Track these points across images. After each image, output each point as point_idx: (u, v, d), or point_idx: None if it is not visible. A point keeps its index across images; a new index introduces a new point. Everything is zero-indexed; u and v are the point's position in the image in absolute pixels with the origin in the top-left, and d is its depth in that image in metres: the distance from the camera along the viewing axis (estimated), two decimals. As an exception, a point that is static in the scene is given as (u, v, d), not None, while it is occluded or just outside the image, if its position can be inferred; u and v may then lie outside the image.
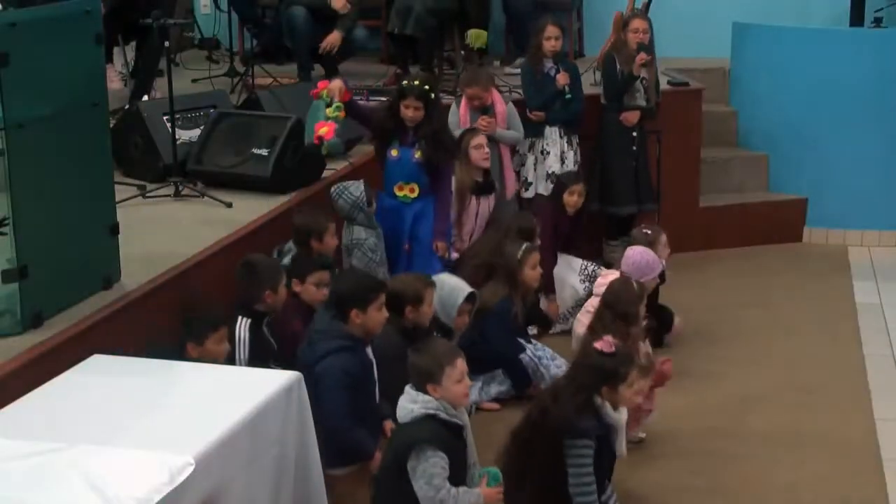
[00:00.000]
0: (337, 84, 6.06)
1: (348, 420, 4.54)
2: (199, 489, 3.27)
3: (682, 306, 6.85)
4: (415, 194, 6.24)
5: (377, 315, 4.73)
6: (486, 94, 7.08)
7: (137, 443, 3.34)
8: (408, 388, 4.20)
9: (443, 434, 4.13)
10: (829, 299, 7.39)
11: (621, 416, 4.38)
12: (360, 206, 5.99)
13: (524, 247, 6.05)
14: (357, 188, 6.03)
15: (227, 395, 3.75)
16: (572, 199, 6.87)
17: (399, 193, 6.25)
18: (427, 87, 6.18)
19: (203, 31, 9.44)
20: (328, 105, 6.02)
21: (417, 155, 6.17)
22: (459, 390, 4.19)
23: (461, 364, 4.22)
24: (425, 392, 4.14)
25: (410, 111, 6.13)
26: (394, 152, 6.23)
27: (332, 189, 6.08)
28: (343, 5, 8.08)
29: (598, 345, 4.37)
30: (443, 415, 4.13)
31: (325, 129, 5.98)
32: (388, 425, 4.69)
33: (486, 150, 6.76)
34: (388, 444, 4.33)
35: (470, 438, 4.35)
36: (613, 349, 4.35)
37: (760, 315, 7.13)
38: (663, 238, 6.35)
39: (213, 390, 3.82)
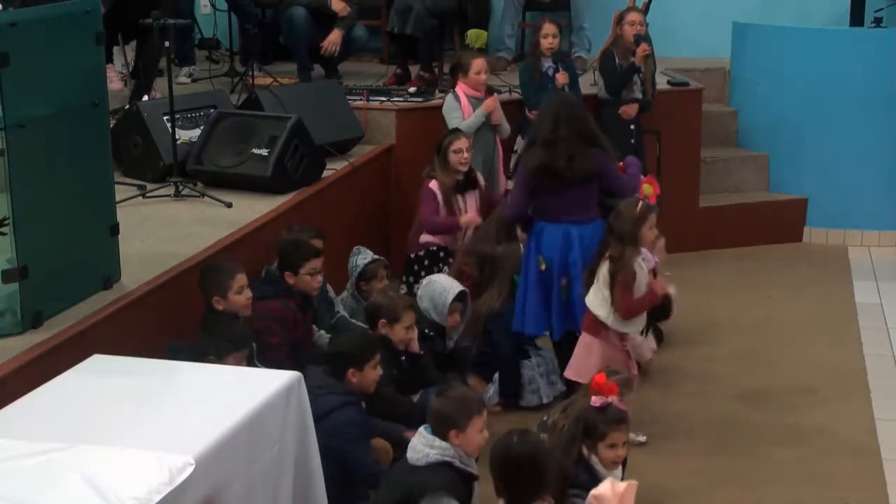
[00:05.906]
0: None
1: (377, 465, 4.55)
2: (199, 489, 3.27)
3: (682, 306, 6.83)
4: None
5: (372, 373, 4.68)
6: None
7: (137, 443, 3.34)
8: (423, 431, 4.13)
9: (456, 482, 4.08)
10: (829, 299, 7.39)
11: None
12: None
13: None
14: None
15: (226, 395, 3.74)
16: None
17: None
18: None
19: (203, 31, 9.44)
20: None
21: None
22: (480, 440, 4.15)
23: (485, 414, 4.19)
24: (445, 438, 4.08)
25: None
26: None
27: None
28: (342, 8, 8.09)
29: (594, 399, 4.32)
30: (457, 463, 4.09)
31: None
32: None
33: (466, 154, 6.54)
34: (392, 482, 4.21)
35: (478, 490, 4.28)
36: (604, 406, 4.29)
37: (760, 315, 7.13)
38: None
39: (212, 390, 3.81)
